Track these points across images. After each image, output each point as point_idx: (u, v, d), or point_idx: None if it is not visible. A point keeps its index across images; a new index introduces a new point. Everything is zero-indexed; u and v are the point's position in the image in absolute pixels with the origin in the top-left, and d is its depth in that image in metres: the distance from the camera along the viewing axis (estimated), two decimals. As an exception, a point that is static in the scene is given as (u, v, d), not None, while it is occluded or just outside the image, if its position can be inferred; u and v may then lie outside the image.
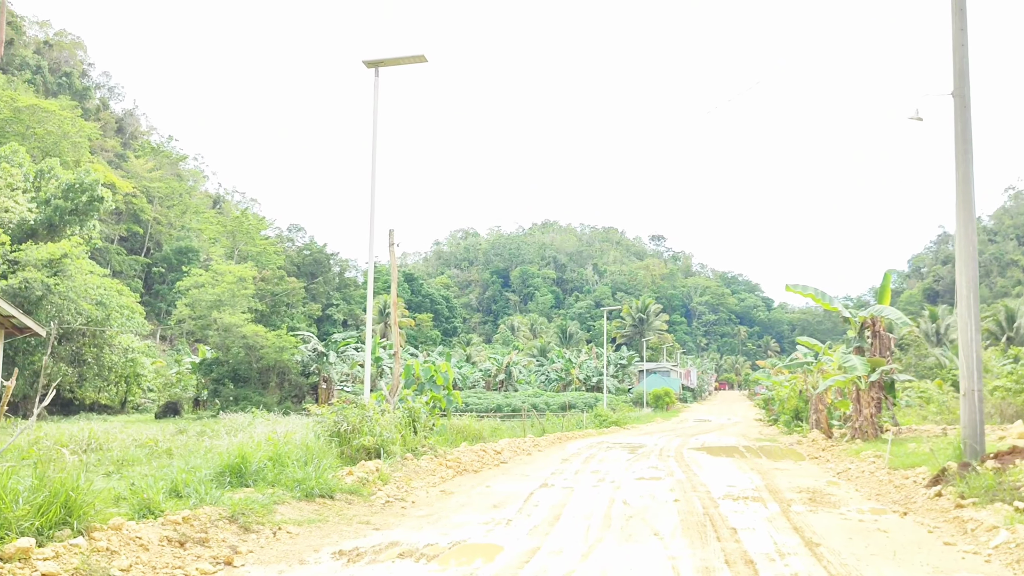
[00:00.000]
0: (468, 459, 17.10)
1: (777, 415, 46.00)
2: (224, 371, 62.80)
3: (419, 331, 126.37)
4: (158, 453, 16.56)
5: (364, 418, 15.05)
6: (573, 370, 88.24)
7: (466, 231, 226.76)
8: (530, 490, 14.29)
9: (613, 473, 17.18)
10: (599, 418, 42.42)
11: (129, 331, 58.16)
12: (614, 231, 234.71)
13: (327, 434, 14.90)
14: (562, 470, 17.67)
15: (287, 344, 64.97)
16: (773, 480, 16.06)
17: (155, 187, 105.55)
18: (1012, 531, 9.23)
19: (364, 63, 18.47)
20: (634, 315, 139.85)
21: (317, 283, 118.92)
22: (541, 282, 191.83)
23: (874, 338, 24.03)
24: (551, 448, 23.98)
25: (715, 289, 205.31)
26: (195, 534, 9.31)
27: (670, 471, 17.67)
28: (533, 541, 9.92)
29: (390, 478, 13.78)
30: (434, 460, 15.92)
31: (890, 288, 25.06)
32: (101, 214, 60.17)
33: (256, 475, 12.27)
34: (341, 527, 10.80)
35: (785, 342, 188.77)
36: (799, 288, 24.40)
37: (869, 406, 22.55)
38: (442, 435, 18.93)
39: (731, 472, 17.69)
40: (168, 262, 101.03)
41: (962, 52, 14.63)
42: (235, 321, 64.49)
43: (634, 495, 13.71)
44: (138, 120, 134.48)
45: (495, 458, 18.51)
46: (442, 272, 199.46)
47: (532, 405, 67.88)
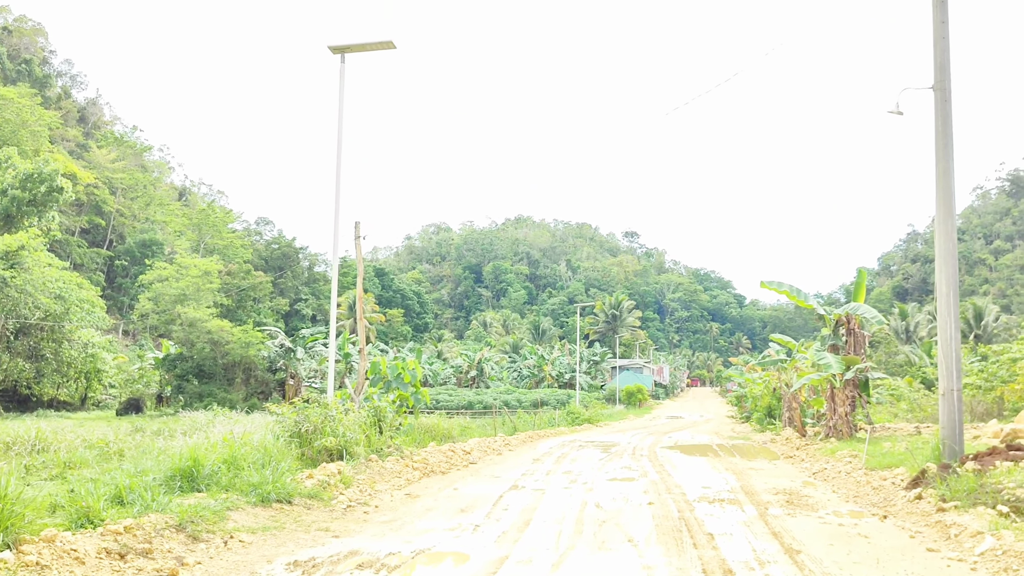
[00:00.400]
0: (436, 460, 16.54)
1: (750, 413, 45.82)
2: (188, 367, 61.89)
3: (389, 327, 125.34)
4: (108, 455, 15.88)
5: (327, 418, 14.45)
6: (546, 367, 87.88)
7: (438, 226, 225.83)
8: (499, 493, 13.78)
9: (586, 474, 16.72)
10: (571, 416, 42.00)
11: (89, 326, 56.98)
12: (588, 227, 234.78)
13: (287, 435, 14.27)
14: (533, 471, 17.19)
15: (253, 339, 64.07)
16: (748, 481, 15.66)
17: (118, 178, 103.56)
18: (998, 537, 8.85)
19: (330, 48, 17.84)
20: (607, 311, 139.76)
21: (285, 277, 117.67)
22: (514, 278, 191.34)
23: (849, 336, 23.75)
24: (522, 447, 23.47)
25: (688, 286, 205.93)
26: (137, 545, 8.70)
27: (644, 471, 17.24)
28: (501, 549, 9.42)
29: (353, 481, 13.21)
30: (400, 461, 15.34)
31: (865, 285, 24.77)
32: (61, 205, 58.87)
33: (209, 479, 11.67)
34: (298, 535, 10.24)
35: (757, 339, 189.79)
36: (774, 284, 24.06)
37: (844, 404, 22.26)
38: (409, 435, 18.35)
39: (706, 472, 17.29)
40: (131, 255, 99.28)
41: (943, 45, 14.28)
42: (200, 316, 63.52)
43: (607, 498, 13.25)
44: (101, 110, 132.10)
45: (464, 458, 17.97)
46: (413, 267, 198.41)
47: (504, 402, 67.41)
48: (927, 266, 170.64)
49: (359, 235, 18.22)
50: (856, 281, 24.97)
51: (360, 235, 18.20)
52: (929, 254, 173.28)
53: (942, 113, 13.97)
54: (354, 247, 18.35)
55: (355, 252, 18.53)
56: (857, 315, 23.57)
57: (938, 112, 14.04)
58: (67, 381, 55.42)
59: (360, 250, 18.50)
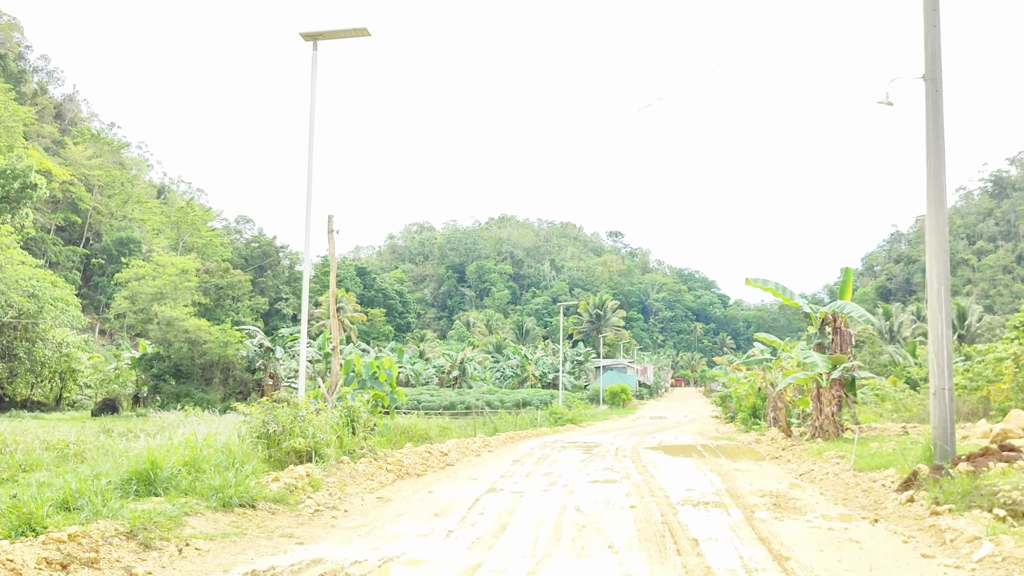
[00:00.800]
0: (411, 462, 15.96)
1: (734, 413, 45.45)
2: (165, 367, 61.18)
3: (371, 326, 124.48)
4: (67, 457, 15.22)
5: (296, 418, 13.87)
6: (529, 367, 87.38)
7: (421, 225, 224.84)
8: (476, 496, 13.24)
9: (566, 476, 16.21)
10: (554, 416, 41.48)
11: (64, 325, 56.12)
12: (572, 227, 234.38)
13: (254, 436, 13.66)
14: (512, 472, 16.66)
15: (231, 339, 63.33)
16: (734, 483, 15.19)
17: (95, 175, 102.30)
18: (996, 543, 8.38)
19: (301, 36, 17.28)
20: (591, 311, 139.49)
21: (266, 276, 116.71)
22: (497, 277, 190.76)
23: (835, 334, 23.34)
24: (502, 448, 22.93)
25: (672, 286, 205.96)
26: (83, 554, 8.11)
27: (626, 473, 16.74)
28: (474, 556, 8.89)
29: (322, 484, 12.63)
30: (373, 463, 14.75)
31: (851, 284, 24.38)
32: (35, 202, 57.89)
33: (168, 482, 11.09)
34: (260, 541, 9.67)
35: (741, 339, 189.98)
36: (759, 282, 23.64)
37: (830, 404, 21.83)
38: (384, 436, 17.77)
39: (690, 474, 16.81)
40: (108, 253, 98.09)
41: (934, 33, 13.85)
42: (177, 315, 62.83)
43: (588, 501, 12.74)
44: (78, 106, 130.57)
45: (441, 460, 17.40)
46: (396, 266, 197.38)
47: (486, 403, 66.82)
48: (910, 266, 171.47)
49: (332, 229, 17.65)
50: (842, 280, 24.59)
51: (333, 229, 17.64)
52: (912, 254, 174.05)
53: (933, 104, 13.53)
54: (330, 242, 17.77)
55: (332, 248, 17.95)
56: (843, 313, 23.18)
57: (929, 103, 13.60)
58: (41, 381, 54.51)
59: (334, 244, 17.92)
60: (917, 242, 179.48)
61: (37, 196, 52.84)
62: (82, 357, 59.57)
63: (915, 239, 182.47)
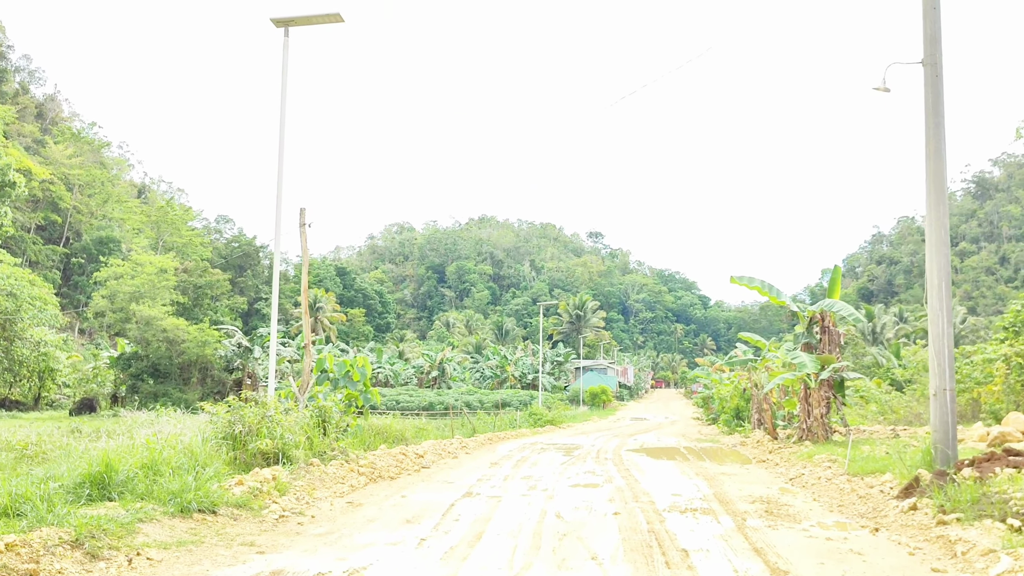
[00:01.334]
0: (384, 464, 15.20)
1: (717, 414, 44.95)
2: (143, 366, 60.54)
3: (351, 326, 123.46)
4: (27, 457, 14.41)
5: (264, 418, 13.10)
6: (508, 367, 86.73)
7: (401, 225, 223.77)
8: (451, 501, 12.53)
9: (546, 479, 15.53)
10: (534, 417, 40.79)
11: (42, 324, 55.20)
12: (552, 227, 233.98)
13: (219, 436, 12.88)
14: (490, 476, 15.96)
15: (210, 338, 62.67)
16: (722, 487, 14.57)
17: (75, 174, 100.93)
18: (1015, 556, 7.75)
19: (272, 21, 16.54)
20: (571, 312, 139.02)
21: (246, 276, 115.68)
22: (477, 278, 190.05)
23: (823, 334, 22.77)
24: (480, 450, 22.20)
25: (652, 286, 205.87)
26: (21, 565, 7.36)
27: (609, 476, 16.09)
28: (448, 568, 8.20)
29: (289, 488, 11.87)
30: (344, 466, 13.98)
31: (840, 282, 23.82)
32: (14, 200, 56.79)
33: (124, 486, 10.31)
34: (218, 550, 8.92)
35: (721, 340, 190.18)
36: (745, 280, 23.02)
37: (819, 406, 21.23)
38: (357, 437, 17.00)
39: (675, 477, 16.18)
40: (88, 252, 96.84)
41: (933, 16, 13.27)
42: (155, 314, 62.14)
43: (569, 506, 12.06)
44: (60, 106, 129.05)
45: (416, 462, 16.65)
46: (376, 267, 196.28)
47: (465, 403, 66.18)
48: (892, 267, 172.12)
49: (304, 222, 16.89)
50: (831, 277, 24.00)
51: (305, 222, 16.87)
52: (894, 256, 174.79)
53: (933, 89, 12.95)
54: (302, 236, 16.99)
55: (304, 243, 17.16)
56: (832, 312, 22.62)
57: (928, 88, 13.03)
58: (19, 380, 53.71)
59: (305, 239, 17.15)
60: (899, 243, 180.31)
61: (16, 194, 51.75)
62: (61, 356, 58.88)
63: (897, 240, 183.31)
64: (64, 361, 60.58)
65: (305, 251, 17.45)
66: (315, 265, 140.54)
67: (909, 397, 39.95)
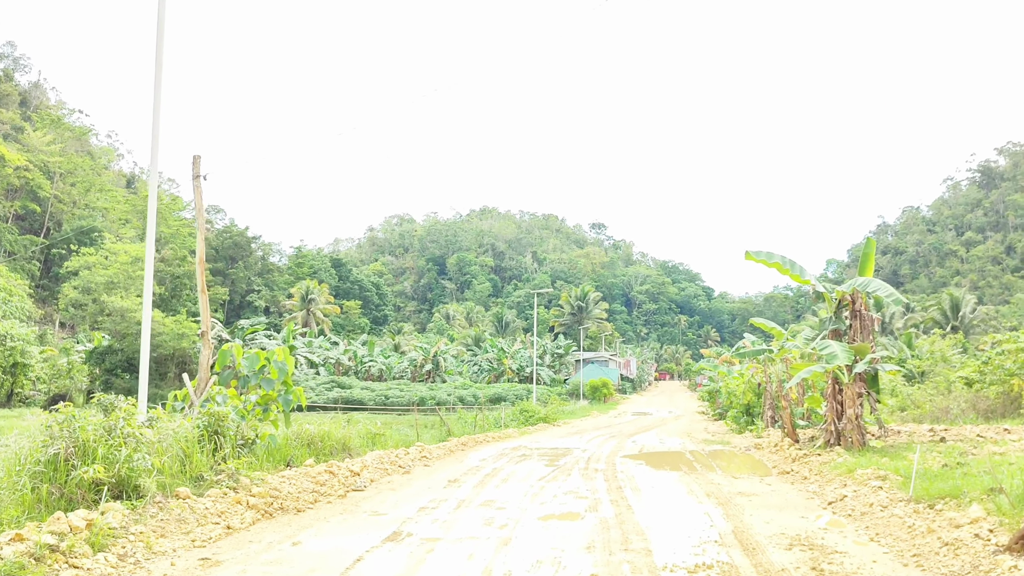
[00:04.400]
0: (294, 490, 11.46)
1: (724, 409, 41.33)
2: (117, 360, 57.59)
3: (346, 319, 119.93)
4: None
5: (109, 433, 9.44)
6: (506, 360, 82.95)
7: (401, 217, 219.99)
8: (363, 550, 8.83)
9: (512, 506, 11.84)
10: (525, 414, 36.95)
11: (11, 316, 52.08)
12: (554, 218, 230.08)
13: (35, 461, 9.12)
14: (440, 501, 12.27)
15: (187, 331, 59.37)
16: (742, 519, 10.87)
17: (55, 162, 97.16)
18: None
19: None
20: (573, 303, 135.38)
21: (237, 268, 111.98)
22: (479, 270, 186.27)
23: (854, 319, 19.02)
24: (444, 461, 18.38)
25: (656, 278, 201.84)
26: None
27: (594, 501, 12.40)
28: None
29: (117, 537, 8.18)
30: (228, 496, 10.24)
31: (873, 257, 20.01)
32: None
33: None
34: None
35: (726, 332, 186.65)
36: (763, 256, 19.22)
37: (854, 405, 17.42)
38: (273, 452, 13.23)
39: (680, 502, 12.49)
40: (69, 243, 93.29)
41: None
42: (128, 305, 58.90)
43: (528, 559, 8.39)
44: (45, 93, 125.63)
45: (345, 484, 12.91)
46: (376, 259, 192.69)
47: (458, 398, 62.55)
48: (897, 258, 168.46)
49: (199, 174, 13.28)
50: (863, 252, 20.23)
51: (200, 173, 13.26)
52: (900, 246, 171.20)
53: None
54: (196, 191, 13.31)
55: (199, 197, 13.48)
56: (865, 292, 18.90)
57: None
58: (-14, 376, 50.86)
59: (200, 193, 13.51)
60: (904, 233, 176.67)
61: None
62: (33, 351, 55.79)
63: (902, 231, 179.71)
64: (37, 355, 57.45)
65: (199, 207, 13.79)
66: (310, 256, 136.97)
67: (932, 390, 36.44)
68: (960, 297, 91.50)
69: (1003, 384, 30.83)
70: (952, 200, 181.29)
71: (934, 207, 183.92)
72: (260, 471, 11.96)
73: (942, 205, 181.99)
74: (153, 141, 12.43)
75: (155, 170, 12.49)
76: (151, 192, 12.45)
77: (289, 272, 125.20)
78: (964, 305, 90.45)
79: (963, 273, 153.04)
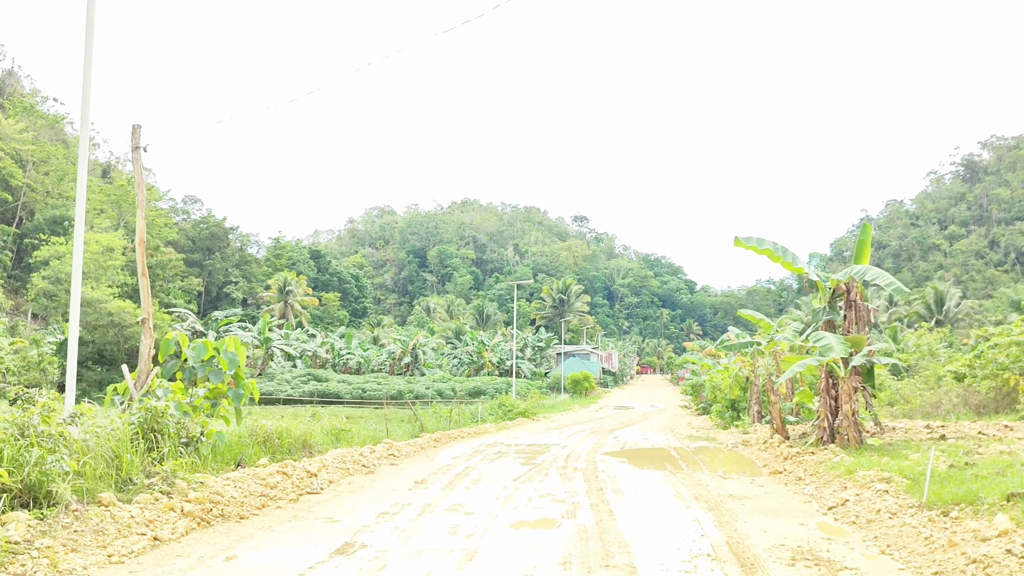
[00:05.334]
0: (238, 493, 10.23)
1: (708, 403, 40.40)
2: (88, 352, 56.27)
3: (325, 311, 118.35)
4: None
5: (21, 431, 8.27)
6: (486, 353, 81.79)
7: (382, 209, 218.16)
8: (309, 563, 7.70)
9: (482, 511, 10.73)
10: (503, 408, 35.80)
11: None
12: (536, 211, 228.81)
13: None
14: (403, 505, 11.13)
15: (159, 322, 57.96)
16: (736, 526, 9.81)
17: (27, 150, 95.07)
18: None
19: None
20: (555, 296, 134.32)
21: (214, 259, 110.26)
22: (460, 262, 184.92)
23: (849, 309, 18.00)
24: (413, 459, 17.19)
25: (638, 271, 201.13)
26: None
27: (573, 505, 11.31)
28: None
29: (15, 553, 7.01)
30: (159, 502, 9.07)
31: (870, 244, 18.96)
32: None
33: None
34: None
35: (708, 325, 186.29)
36: (753, 242, 18.15)
37: (850, 400, 16.40)
38: (218, 451, 11.98)
39: (666, 505, 11.43)
40: (42, 233, 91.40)
41: None
42: (99, 296, 57.50)
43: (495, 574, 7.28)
44: (20, 81, 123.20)
45: (300, 485, 11.74)
46: (356, 251, 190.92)
47: (437, 391, 61.42)
48: (880, 251, 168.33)
49: (139, 145, 12.07)
50: (859, 239, 19.17)
51: (140, 145, 12.04)
52: (883, 239, 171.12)
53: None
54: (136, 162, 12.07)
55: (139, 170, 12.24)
56: (861, 281, 17.88)
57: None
58: (-49, 368, 49.56)
59: (140, 164, 12.30)
60: (887, 227, 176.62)
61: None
62: (3, 342, 54.51)
63: (885, 224, 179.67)
64: (6, 347, 56.09)
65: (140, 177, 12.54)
66: (288, 248, 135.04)
67: (921, 384, 35.74)
68: (945, 291, 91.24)
69: (995, 378, 30.10)
70: (936, 194, 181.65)
71: (918, 201, 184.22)
72: (203, 472, 10.77)
73: (926, 199, 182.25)
74: (84, 96, 11.23)
75: (86, 132, 11.25)
76: (81, 153, 11.18)
77: (267, 264, 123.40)
78: (949, 299, 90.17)
79: (946, 267, 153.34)
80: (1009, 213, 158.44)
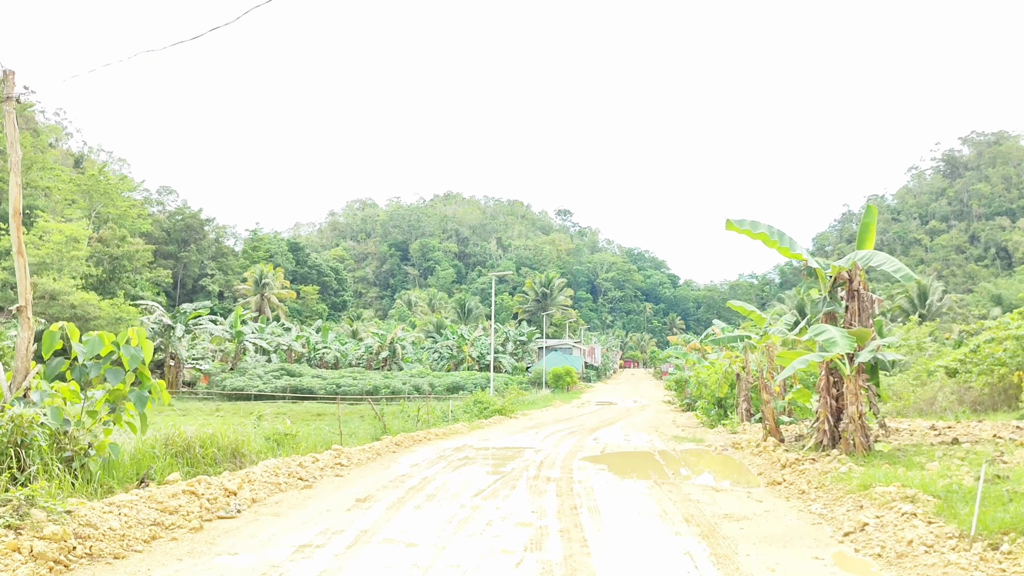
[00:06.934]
0: (119, 524, 8.06)
1: (693, 400, 38.67)
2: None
3: (303, 304, 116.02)
4: None
5: None
6: (466, 347, 79.88)
7: (363, 201, 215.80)
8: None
9: (427, 543, 8.82)
10: (479, 406, 33.89)
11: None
12: (519, 204, 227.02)
13: None
14: (331, 535, 9.21)
15: (125, 315, 55.63)
16: (735, 562, 7.97)
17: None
18: None
19: None
20: (537, 290, 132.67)
21: (189, 251, 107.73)
22: (442, 256, 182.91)
23: (851, 299, 16.20)
24: (364, 468, 15.17)
25: (621, 265, 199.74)
26: None
27: (540, 531, 9.43)
28: None
29: None
30: (1, 542, 7.09)
31: (874, 228, 17.13)
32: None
33: None
34: None
35: (691, 319, 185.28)
36: (746, 225, 16.27)
37: (856, 402, 14.58)
38: (113, 467, 9.95)
39: (650, 531, 9.57)
40: (2, 222, 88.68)
41: None
42: (61, 288, 55.11)
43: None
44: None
45: (211, 507, 9.68)
46: (337, 244, 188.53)
47: (415, 387, 59.52)
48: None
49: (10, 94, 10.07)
50: (863, 222, 17.34)
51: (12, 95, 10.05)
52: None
53: None
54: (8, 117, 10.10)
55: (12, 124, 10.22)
56: (864, 268, 16.09)
57: None
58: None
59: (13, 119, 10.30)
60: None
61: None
62: (-40, 338, 52.10)
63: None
64: (-37, 343, 53.65)
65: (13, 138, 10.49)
66: (266, 240, 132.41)
67: (913, 380, 34.23)
68: (928, 285, 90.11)
69: (991, 374, 28.63)
70: (917, 189, 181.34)
71: (899, 196, 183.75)
72: (83, 496, 8.80)
73: (907, 194, 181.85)
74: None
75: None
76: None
77: (244, 256, 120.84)
78: (932, 293, 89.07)
79: (927, 262, 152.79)
80: (989, 208, 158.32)
